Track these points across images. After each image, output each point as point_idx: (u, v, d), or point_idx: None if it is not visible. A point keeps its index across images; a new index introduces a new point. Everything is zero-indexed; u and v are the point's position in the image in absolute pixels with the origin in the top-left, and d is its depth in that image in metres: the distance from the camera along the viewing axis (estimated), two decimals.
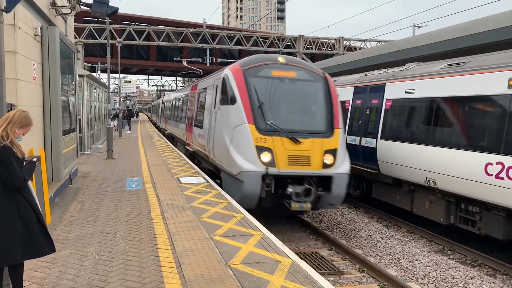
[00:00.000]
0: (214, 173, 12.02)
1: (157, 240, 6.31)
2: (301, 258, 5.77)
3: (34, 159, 4.61)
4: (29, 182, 4.26)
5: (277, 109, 9.96)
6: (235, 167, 9.42)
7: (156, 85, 75.42)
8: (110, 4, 5.66)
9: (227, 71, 10.78)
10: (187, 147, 17.21)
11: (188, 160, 15.66)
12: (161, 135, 30.25)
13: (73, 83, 11.06)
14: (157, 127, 40.02)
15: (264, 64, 10.43)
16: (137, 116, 75.85)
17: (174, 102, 24.97)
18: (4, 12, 5.43)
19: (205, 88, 13.69)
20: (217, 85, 11.55)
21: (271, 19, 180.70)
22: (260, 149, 9.19)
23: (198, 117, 14.41)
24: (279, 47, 42.96)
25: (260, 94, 9.86)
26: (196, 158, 15.62)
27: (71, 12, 9.85)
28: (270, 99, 9.96)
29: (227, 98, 10.43)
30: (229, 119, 10.09)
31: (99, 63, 40.67)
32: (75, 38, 33.41)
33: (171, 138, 25.79)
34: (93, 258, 5.60)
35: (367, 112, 13.11)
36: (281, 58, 10.77)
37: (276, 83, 10.23)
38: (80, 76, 16.69)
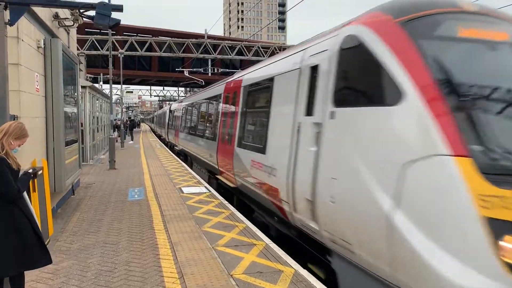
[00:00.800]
0: (292, 244, 6.77)
1: (160, 250, 6.31)
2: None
3: (30, 171, 4.62)
4: (25, 194, 4.25)
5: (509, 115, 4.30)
6: (429, 282, 3.70)
7: (158, 95, 75.80)
8: (112, 16, 5.72)
9: (356, 28, 5.18)
10: (219, 177, 11.74)
11: (190, 170, 15.68)
12: (163, 145, 30.31)
13: (76, 94, 11.13)
14: (162, 140, 36.17)
15: (444, 12, 4.83)
16: (139, 126, 76.63)
17: (192, 109, 18.67)
18: (8, 25, 5.50)
19: (269, 81, 7.83)
20: (315, 67, 5.82)
21: (272, 29, 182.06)
22: (499, 229, 3.50)
23: (251, 132, 8.79)
24: None
25: (459, 79, 4.32)
26: (235, 196, 10.39)
27: (73, 24, 9.96)
28: (485, 92, 4.35)
29: (369, 89, 4.92)
30: (383, 141, 4.43)
31: (101, 74, 40.96)
32: (78, 49, 33.72)
33: (183, 156, 21.69)
34: (95, 269, 5.60)
35: None
36: (466, 4, 5.04)
37: (482, 53, 4.69)
38: (83, 87, 16.79)
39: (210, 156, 12.64)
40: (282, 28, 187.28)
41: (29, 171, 4.57)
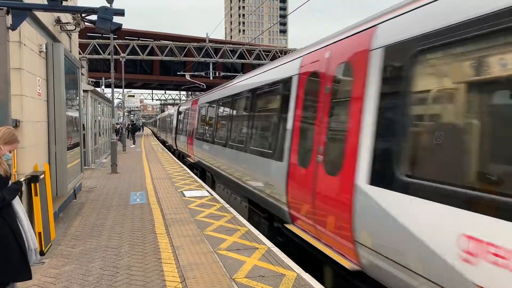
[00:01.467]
0: None
1: (161, 254, 6.30)
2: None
3: (22, 179, 4.51)
4: (15, 204, 4.06)
5: None
6: None
7: (159, 99, 76.02)
8: (114, 20, 5.74)
9: None
10: (290, 226, 6.64)
11: (192, 174, 15.67)
12: (165, 149, 30.29)
13: (78, 98, 11.15)
14: (168, 147, 31.56)
15: None
16: (142, 130, 77.39)
17: (218, 108, 13.27)
18: (10, 30, 5.52)
19: None
20: None
21: (273, 32, 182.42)
22: None
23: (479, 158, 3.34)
24: None
25: None
26: (325, 268, 5.81)
27: (75, 29, 9.97)
28: None
29: None
30: None
31: (103, 78, 41.07)
32: (80, 53, 33.90)
33: (198, 170, 16.97)
34: (97, 273, 5.59)
35: None
36: None
37: None
38: (85, 91, 16.82)
39: (267, 186, 7.66)
40: (284, 32, 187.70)
41: (22, 180, 4.46)
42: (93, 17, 6.36)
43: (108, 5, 5.94)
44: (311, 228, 5.85)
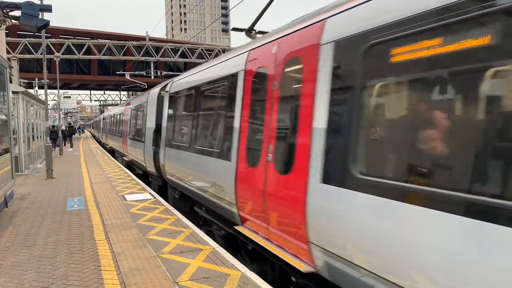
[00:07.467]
0: None
1: (101, 262, 6.03)
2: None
3: None
4: None
5: None
6: None
7: (98, 100, 73.32)
8: (41, 17, 5.39)
9: None
10: None
11: (134, 176, 15.22)
12: (106, 152, 29.24)
13: (6, 100, 10.44)
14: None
15: None
16: (83, 132, 74.83)
17: None
18: None
19: None
20: None
21: (216, 31, 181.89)
22: None
23: None
24: None
25: None
26: None
27: (0, 26, 9.33)
28: None
29: None
30: None
31: (37, 79, 38.94)
32: (9, 53, 31.95)
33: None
34: (30, 286, 5.24)
35: None
36: None
37: None
38: (15, 93, 15.83)
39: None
40: (226, 31, 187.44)
41: None
42: (18, 13, 5.93)
43: (36, 1, 5.53)
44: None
